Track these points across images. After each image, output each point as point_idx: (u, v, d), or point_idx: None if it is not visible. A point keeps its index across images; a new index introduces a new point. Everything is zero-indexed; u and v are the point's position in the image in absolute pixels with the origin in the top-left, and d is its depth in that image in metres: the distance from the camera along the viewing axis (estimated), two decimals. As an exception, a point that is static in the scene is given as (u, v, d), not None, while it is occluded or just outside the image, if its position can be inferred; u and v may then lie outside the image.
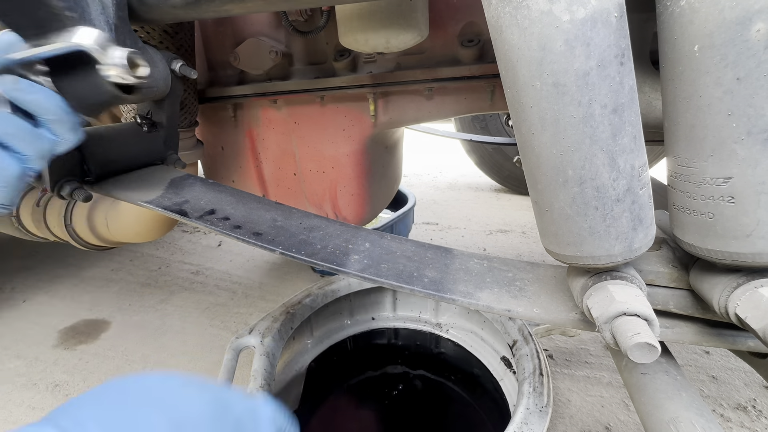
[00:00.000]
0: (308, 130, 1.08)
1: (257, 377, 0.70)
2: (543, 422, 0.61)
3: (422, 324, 1.08)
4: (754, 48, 0.33)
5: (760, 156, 0.35)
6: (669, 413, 0.48)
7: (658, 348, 0.38)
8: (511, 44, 0.36)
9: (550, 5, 0.33)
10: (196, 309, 1.42)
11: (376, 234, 0.67)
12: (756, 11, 0.32)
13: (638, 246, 0.42)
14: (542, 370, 0.71)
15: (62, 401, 1.02)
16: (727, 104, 0.35)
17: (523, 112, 0.39)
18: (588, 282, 0.47)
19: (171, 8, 0.57)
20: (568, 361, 1.10)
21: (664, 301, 0.50)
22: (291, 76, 1.01)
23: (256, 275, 1.65)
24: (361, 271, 0.59)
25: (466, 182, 3.11)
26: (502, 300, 0.55)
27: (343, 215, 1.18)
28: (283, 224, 0.65)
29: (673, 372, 0.53)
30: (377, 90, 0.96)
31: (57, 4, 0.43)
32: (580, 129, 0.37)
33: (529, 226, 2.10)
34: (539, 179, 0.42)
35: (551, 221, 0.44)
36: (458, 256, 0.63)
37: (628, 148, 0.38)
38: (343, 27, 0.79)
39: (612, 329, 0.42)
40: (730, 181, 0.37)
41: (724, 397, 0.98)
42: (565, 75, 0.35)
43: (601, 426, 0.91)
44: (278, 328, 0.83)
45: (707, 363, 1.09)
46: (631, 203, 0.40)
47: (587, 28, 0.33)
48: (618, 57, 0.35)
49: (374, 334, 1.09)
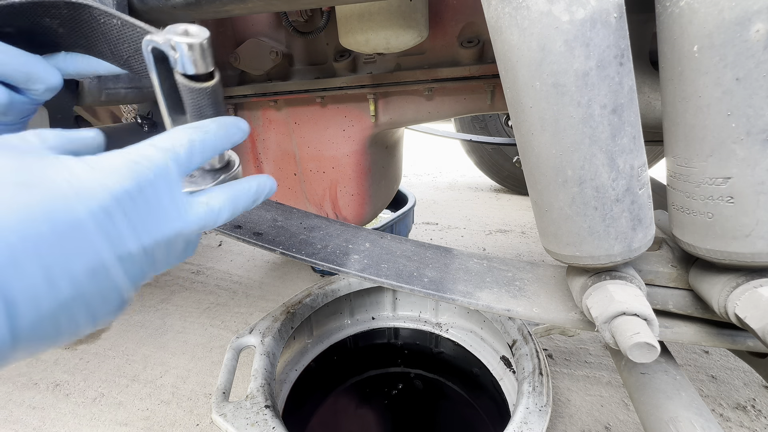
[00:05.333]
0: (308, 131, 1.08)
1: (257, 377, 0.70)
2: (542, 422, 0.61)
3: (422, 324, 1.08)
4: (753, 48, 0.33)
5: (760, 156, 0.35)
6: (668, 413, 0.48)
7: (658, 348, 0.38)
8: (510, 45, 0.37)
9: (549, 6, 0.33)
10: (196, 309, 1.42)
11: (376, 234, 0.67)
12: (755, 12, 0.32)
13: (637, 246, 0.42)
14: (542, 369, 0.71)
15: (63, 401, 1.02)
16: (727, 104, 0.35)
17: (523, 112, 0.39)
18: (587, 282, 0.47)
19: (171, 9, 0.57)
20: (568, 361, 1.11)
21: (663, 301, 0.50)
22: (291, 76, 1.01)
23: (256, 275, 1.65)
24: (361, 270, 0.59)
25: (466, 182, 3.11)
26: (502, 300, 0.55)
27: (343, 215, 1.19)
28: (284, 224, 0.65)
29: (672, 371, 0.54)
30: (377, 90, 0.96)
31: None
32: (580, 129, 0.37)
33: (528, 226, 2.10)
34: (539, 179, 0.42)
35: (551, 221, 0.44)
36: (458, 255, 0.63)
37: (628, 148, 0.38)
38: (343, 28, 0.79)
39: (611, 329, 0.42)
40: (730, 181, 0.37)
41: (724, 396, 0.98)
42: (564, 75, 0.35)
43: (600, 425, 0.91)
44: (278, 328, 0.83)
45: (706, 362, 1.09)
46: (630, 203, 0.40)
47: (587, 29, 0.34)
48: (617, 57, 0.35)
49: (374, 334, 1.10)
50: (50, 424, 0.96)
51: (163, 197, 0.26)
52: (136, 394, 1.04)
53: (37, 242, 0.20)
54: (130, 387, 1.07)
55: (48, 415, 0.98)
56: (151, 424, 0.95)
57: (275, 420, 0.62)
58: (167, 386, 1.06)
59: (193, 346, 1.22)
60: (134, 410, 0.99)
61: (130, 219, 0.24)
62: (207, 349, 1.21)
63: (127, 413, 0.98)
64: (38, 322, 0.21)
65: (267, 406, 0.64)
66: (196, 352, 1.19)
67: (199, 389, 1.05)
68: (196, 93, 0.29)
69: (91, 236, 0.22)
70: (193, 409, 0.99)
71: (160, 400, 1.02)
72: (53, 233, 0.21)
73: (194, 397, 1.02)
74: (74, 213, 0.22)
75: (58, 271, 0.21)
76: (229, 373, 0.71)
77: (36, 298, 0.21)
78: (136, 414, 0.98)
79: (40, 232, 0.20)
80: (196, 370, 1.12)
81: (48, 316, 0.21)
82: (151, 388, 1.06)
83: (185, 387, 1.06)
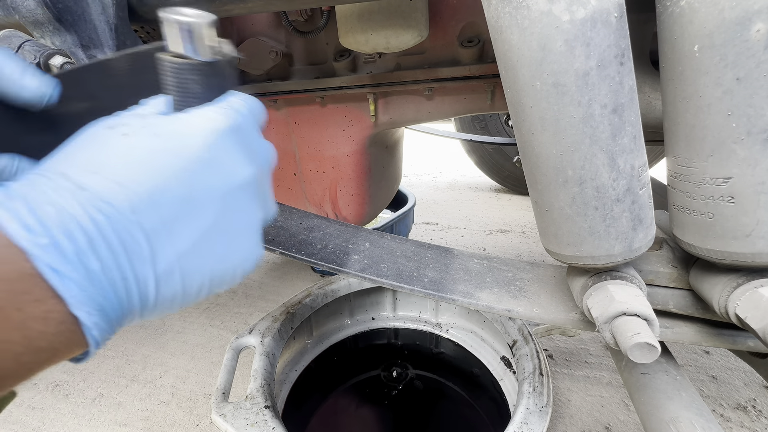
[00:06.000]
0: (308, 130, 1.08)
1: (257, 377, 0.70)
2: (543, 422, 0.61)
3: (422, 324, 1.08)
4: (753, 48, 0.33)
5: (760, 156, 0.35)
6: (669, 413, 0.48)
7: (658, 348, 0.38)
8: (511, 44, 0.37)
9: (550, 5, 0.33)
10: (196, 309, 1.42)
11: (376, 234, 0.67)
12: (755, 11, 0.32)
13: (638, 246, 0.42)
14: (542, 369, 0.71)
15: (62, 401, 1.02)
16: (727, 104, 0.35)
17: (523, 112, 0.39)
18: (588, 282, 0.47)
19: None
20: (568, 361, 1.11)
21: (663, 301, 0.50)
22: (291, 76, 1.01)
23: (256, 275, 1.65)
24: (361, 271, 0.59)
25: (466, 182, 3.11)
26: (502, 300, 0.55)
27: (343, 215, 1.18)
28: (283, 224, 0.65)
29: (672, 372, 0.53)
30: (377, 90, 0.96)
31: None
32: (580, 129, 0.37)
33: (529, 226, 2.10)
34: (539, 179, 0.42)
35: (551, 221, 0.44)
36: (458, 255, 0.63)
37: (628, 148, 0.38)
38: (343, 27, 0.79)
39: (612, 329, 0.42)
40: (730, 181, 0.37)
41: (724, 397, 0.98)
42: (565, 75, 0.35)
43: (601, 426, 0.91)
44: (278, 328, 0.83)
45: (707, 363, 1.09)
46: (630, 203, 0.40)
47: (587, 29, 0.33)
48: (618, 57, 0.35)
49: (374, 334, 1.10)
50: (50, 424, 0.96)
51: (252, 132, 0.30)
52: (136, 394, 1.04)
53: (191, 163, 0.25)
54: (129, 387, 1.06)
55: (47, 416, 0.98)
56: (151, 424, 0.95)
57: (275, 420, 0.61)
58: (167, 386, 1.06)
59: (192, 347, 1.22)
60: (134, 410, 0.99)
61: (244, 147, 0.28)
62: (206, 350, 1.20)
63: (126, 413, 0.98)
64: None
65: (267, 406, 0.64)
66: (195, 353, 1.19)
67: (199, 389, 1.05)
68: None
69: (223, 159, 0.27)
70: (192, 409, 0.99)
71: (159, 401, 1.01)
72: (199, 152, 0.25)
73: (194, 398, 1.02)
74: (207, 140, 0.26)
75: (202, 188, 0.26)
76: (228, 373, 0.71)
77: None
78: (135, 414, 0.98)
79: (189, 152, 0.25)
80: (195, 370, 1.12)
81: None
82: (150, 388, 1.06)
83: (185, 387, 1.06)
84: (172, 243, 0.24)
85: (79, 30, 0.56)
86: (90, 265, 0.21)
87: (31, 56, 0.50)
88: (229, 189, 0.27)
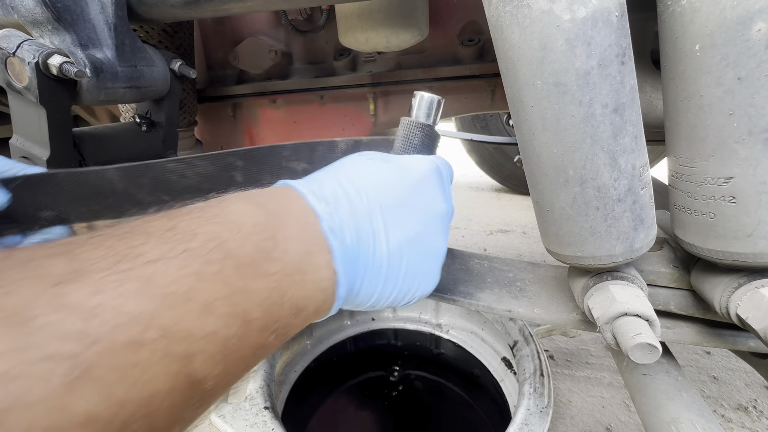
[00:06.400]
0: (308, 130, 1.08)
1: (256, 378, 0.70)
2: (544, 423, 0.61)
3: (422, 324, 1.08)
4: (755, 47, 0.33)
5: (761, 156, 0.35)
6: (670, 414, 0.48)
7: (659, 348, 0.38)
8: (511, 43, 0.36)
9: (550, 4, 0.33)
10: (195, 309, 1.42)
11: (376, 234, 0.67)
12: (757, 11, 0.32)
13: (639, 246, 0.42)
14: (543, 370, 0.71)
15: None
16: (728, 104, 0.35)
17: (524, 111, 0.39)
18: (589, 282, 0.47)
19: (170, 8, 0.57)
20: (569, 362, 1.10)
21: (665, 302, 0.50)
22: (290, 75, 1.01)
23: (256, 275, 1.65)
24: (360, 271, 0.58)
25: (467, 182, 3.10)
26: (503, 300, 0.55)
27: (343, 215, 1.18)
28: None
29: (674, 372, 0.53)
30: (377, 89, 0.96)
31: None
32: (581, 128, 0.37)
33: (529, 226, 2.10)
34: (540, 179, 0.42)
35: (552, 221, 0.44)
36: (458, 256, 0.63)
37: (629, 147, 0.38)
38: (342, 26, 0.78)
39: (613, 330, 0.41)
40: (732, 180, 0.37)
41: (725, 397, 0.98)
42: (565, 74, 0.35)
43: (602, 427, 0.91)
44: (278, 329, 0.83)
45: (708, 363, 1.09)
46: (632, 203, 0.40)
47: (588, 28, 0.33)
48: (619, 56, 0.35)
49: (374, 335, 1.09)
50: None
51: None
52: (136, 394, 1.04)
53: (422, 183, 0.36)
54: (129, 387, 1.06)
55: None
56: (151, 424, 0.94)
57: (274, 421, 0.61)
58: (167, 387, 1.06)
59: (192, 347, 1.22)
60: (133, 411, 0.98)
61: (444, 185, 0.39)
62: (206, 350, 1.20)
63: (126, 414, 0.98)
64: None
65: (266, 407, 0.64)
66: (195, 353, 1.19)
67: (199, 390, 1.04)
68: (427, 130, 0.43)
69: (434, 185, 0.37)
70: (192, 409, 0.98)
71: (159, 401, 1.01)
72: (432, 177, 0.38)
73: (194, 398, 1.02)
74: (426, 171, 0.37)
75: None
76: (228, 373, 0.70)
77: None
78: (135, 414, 0.97)
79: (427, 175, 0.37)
80: (195, 370, 1.12)
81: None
82: (150, 388, 1.06)
83: (185, 387, 1.05)
84: (387, 237, 0.31)
85: (77, 29, 0.55)
86: (345, 237, 0.29)
87: (30, 55, 0.50)
88: (431, 214, 0.35)
